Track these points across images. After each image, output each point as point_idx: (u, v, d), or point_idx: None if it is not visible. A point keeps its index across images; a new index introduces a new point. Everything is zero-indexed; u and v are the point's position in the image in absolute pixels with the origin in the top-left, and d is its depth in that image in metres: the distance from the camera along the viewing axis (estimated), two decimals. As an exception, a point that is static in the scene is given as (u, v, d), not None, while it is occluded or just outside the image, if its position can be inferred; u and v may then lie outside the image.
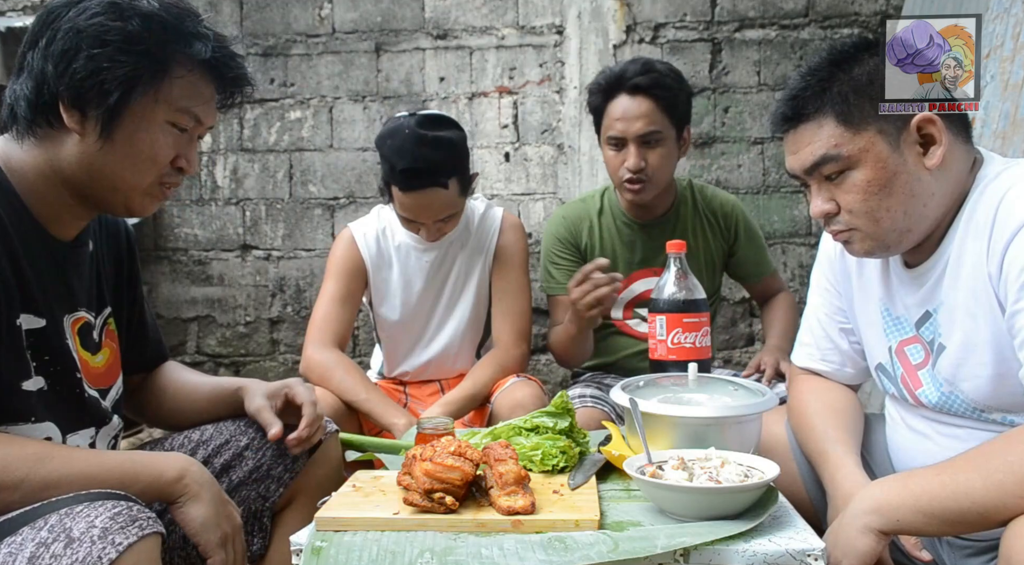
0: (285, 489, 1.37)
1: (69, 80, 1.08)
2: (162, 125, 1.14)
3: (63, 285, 1.19)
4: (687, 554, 0.97)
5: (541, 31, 3.25)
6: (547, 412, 1.33)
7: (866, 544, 1.05)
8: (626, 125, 1.92)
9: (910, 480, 1.06)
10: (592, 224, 2.11)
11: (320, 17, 3.31)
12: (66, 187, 1.15)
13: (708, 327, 1.57)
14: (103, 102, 1.09)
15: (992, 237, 1.11)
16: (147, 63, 1.10)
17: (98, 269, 1.29)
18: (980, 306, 1.14)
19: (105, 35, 1.08)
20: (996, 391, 1.16)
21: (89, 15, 1.09)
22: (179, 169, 1.19)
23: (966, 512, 0.98)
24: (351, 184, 3.31)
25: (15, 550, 0.87)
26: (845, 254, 1.41)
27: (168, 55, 1.13)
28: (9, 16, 3.37)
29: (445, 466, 1.05)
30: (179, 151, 1.17)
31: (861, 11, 3.18)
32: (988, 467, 0.98)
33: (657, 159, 1.94)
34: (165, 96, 1.13)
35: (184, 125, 1.17)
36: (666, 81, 1.94)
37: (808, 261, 3.21)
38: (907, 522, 1.03)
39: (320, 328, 1.97)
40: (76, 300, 1.22)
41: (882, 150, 1.15)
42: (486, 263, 2.07)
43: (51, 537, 0.87)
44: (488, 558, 0.95)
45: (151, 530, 0.91)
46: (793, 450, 1.43)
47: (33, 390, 1.11)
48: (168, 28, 1.12)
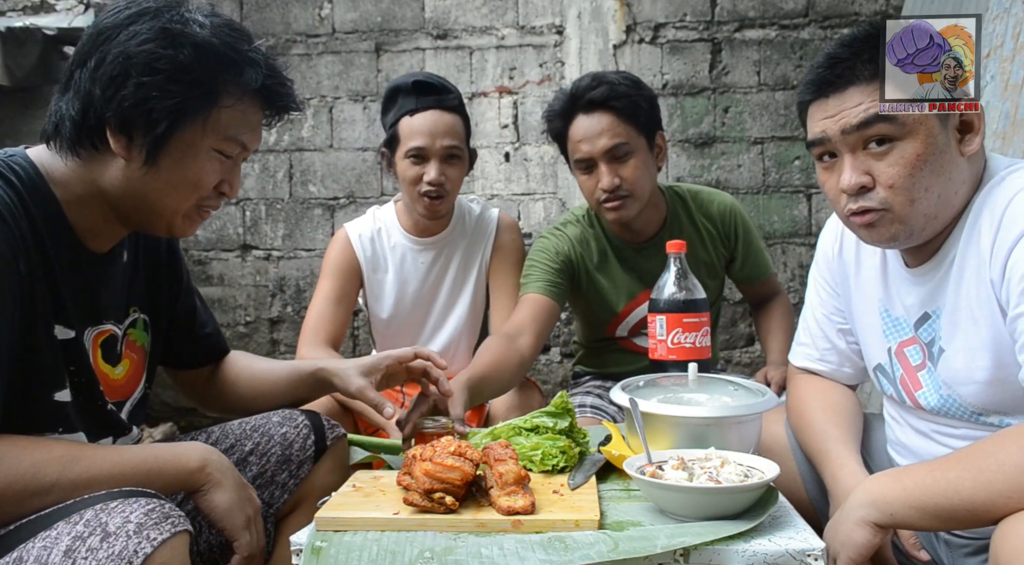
0: (290, 495, 1.36)
1: (117, 106, 1.07)
2: (208, 153, 1.14)
3: (92, 297, 1.19)
4: (687, 554, 0.97)
5: (541, 31, 3.25)
6: (547, 412, 1.33)
7: (862, 536, 1.05)
8: (590, 145, 1.82)
9: (904, 475, 1.07)
10: (593, 251, 2.00)
11: (320, 17, 3.31)
12: (108, 206, 1.15)
13: (708, 327, 1.57)
14: (151, 130, 1.08)
15: (996, 242, 1.11)
16: (196, 93, 1.09)
17: (130, 278, 1.28)
18: (982, 310, 1.14)
19: (155, 63, 1.06)
20: (994, 395, 1.16)
21: (140, 41, 1.07)
22: (220, 193, 1.19)
23: (955, 509, 0.99)
24: (351, 184, 3.31)
25: (50, 544, 0.88)
26: (843, 254, 1.40)
27: (218, 85, 1.11)
28: (9, 16, 3.37)
29: (445, 466, 1.05)
30: (223, 176, 1.17)
31: (861, 11, 3.18)
32: (978, 465, 0.98)
33: (631, 172, 1.82)
34: (213, 125, 1.12)
35: (230, 152, 1.16)
36: (620, 90, 1.82)
37: (808, 261, 3.22)
38: (901, 516, 1.04)
39: (314, 328, 1.97)
40: (102, 312, 1.21)
41: (934, 126, 1.13)
42: (483, 263, 2.07)
43: (87, 531, 0.88)
44: (488, 558, 0.95)
45: (182, 528, 0.92)
46: (793, 450, 1.43)
47: (63, 401, 1.12)
48: (219, 56, 1.10)
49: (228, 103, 1.13)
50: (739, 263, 2.06)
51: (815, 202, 3.25)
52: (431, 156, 1.90)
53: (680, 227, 1.99)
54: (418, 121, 1.91)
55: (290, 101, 1.21)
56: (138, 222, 1.18)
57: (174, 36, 1.08)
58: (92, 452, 1.03)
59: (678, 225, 1.99)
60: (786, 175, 3.24)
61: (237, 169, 1.20)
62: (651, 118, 1.88)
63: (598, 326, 2.06)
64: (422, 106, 1.91)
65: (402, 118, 1.92)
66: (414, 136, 1.90)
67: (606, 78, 1.84)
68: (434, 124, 1.90)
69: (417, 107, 1.91)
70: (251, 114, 1.17)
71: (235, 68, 1.12)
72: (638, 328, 2.04)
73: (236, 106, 1.14)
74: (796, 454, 1.42)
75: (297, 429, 1.36)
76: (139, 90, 1.07)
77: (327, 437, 1.39)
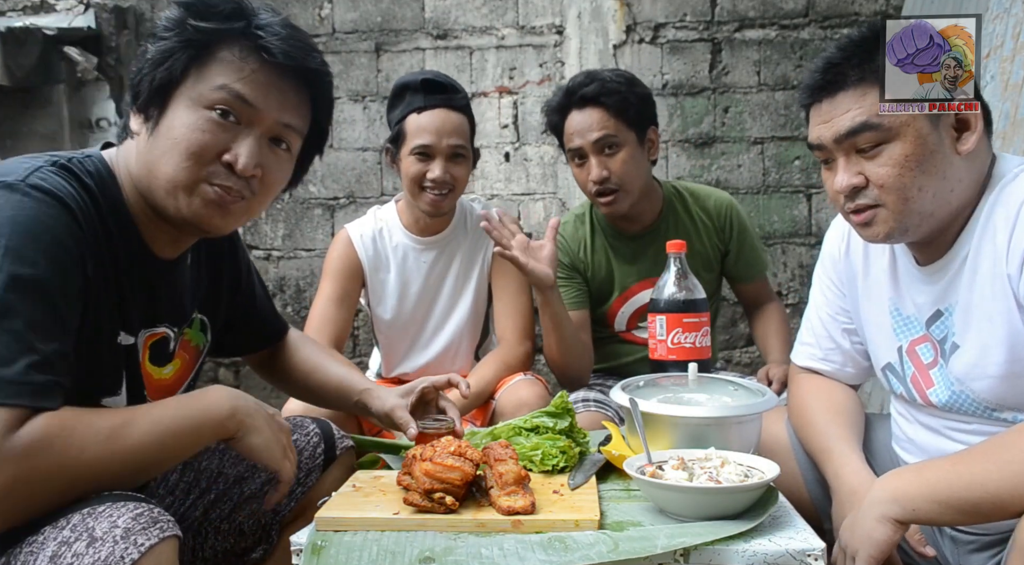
0: (296, 503, 1.35)
1: (132, 83, 1.07)
2: (200, 109, 1.06)
3: (153, 302, 1.17)
4: (687, 554, 0.97)
5: (541, 31, 3.25)
6: (547, 412, 1.33)
7: (883, 533, 1.05)
8: (582, 137, 1.93)
9: (925, 470, 1.07)
10: (587, 244, 2.09)
11: (320, 17, 3.31)
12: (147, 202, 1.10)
13: (708, 327, 1.57)
14: (149, 93, 1.06)
15: (1013, 237, 1.11)
16: (182, 42, 1.05)
17: (194, 281, 1.27)
18: (997, 305, 1.14)
19: (159, 30, 1.07)
20: (1009, 390, 1.16)
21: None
22: (228, 166, 1.07)
23: (980, 502, 0.99)
24: (351, 184, 3.31)
25: (36, 549, 0.87)
26: (851, 254, 1.40)
27: (210, 35, 1.06)
28: (9, 16, 3.37)
29: (445, 466, 1.05)
30: (226, 144, 1.07)
31: (861, 11, 3.18)
32: (1003, 458, 0.99)
33: (619, 165, 1.92)
34: (202, 75, 1.06)
35: (227, 106, 1.06)
36: (611, 86, 1.92)
37: (808, 261, 3.22)
38: (923, 511, 1.04)
39: (317, 329, 1.97)
40: (158, 316, 1.19)
41: (923, 126, 1.14)
42: (484, 264, 2.07)
43: (73, 536, 0.86)
44: (488, 558, 0.95)
45: (171, 533, 0.90)
46: (794, 449, 1.43)
47: (110, 406, 1.10)
48: (211, 8, 1.07)
49: (221, 53, 1.07)
50: (733, 257, 2.11)
51: (815, 202, 3.25)
52: (436, 154, 1.91)
53: (676, 219, 2.06)
54: (426, 119, 1.91)
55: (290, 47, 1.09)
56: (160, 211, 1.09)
57: (184, 3, 1.07)
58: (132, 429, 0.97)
59: (674, 217, 2.06)
60: (786, 175, 3.24)
61: (248, 139, 1.08)
62: (641, 114, 1.96)
63: (596, 318, 2.09)
64: (430, 104, 1.92)
65: (409, 115, 1.93)
66: (421, 133, 1.91)
67: (599, 76, 1.94)
68: (442, 123, 1.91)
69: (425, 105, 1.92)
70: (248, 62, 1.07)
71: (227, 17, 1.07)
72: (636, 319, 2.08)
73: (228, 55, 1.07)
74: (797, 454, 1.42)
75: (307, 437, 1.36)
76: (144, 58, 1.07)
77: (336, 446, 1.38)
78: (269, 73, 1.09)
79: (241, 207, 1.11)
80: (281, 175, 1.16)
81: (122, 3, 3.44)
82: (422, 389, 1.45)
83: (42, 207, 0.95)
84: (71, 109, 3.37)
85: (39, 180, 0.97)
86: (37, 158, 1.03)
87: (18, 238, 0.92)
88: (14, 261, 0.91)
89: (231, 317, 1.40)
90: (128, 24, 3.45)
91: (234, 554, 1.34)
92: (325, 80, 1.18)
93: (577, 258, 2.08)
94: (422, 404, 1.47)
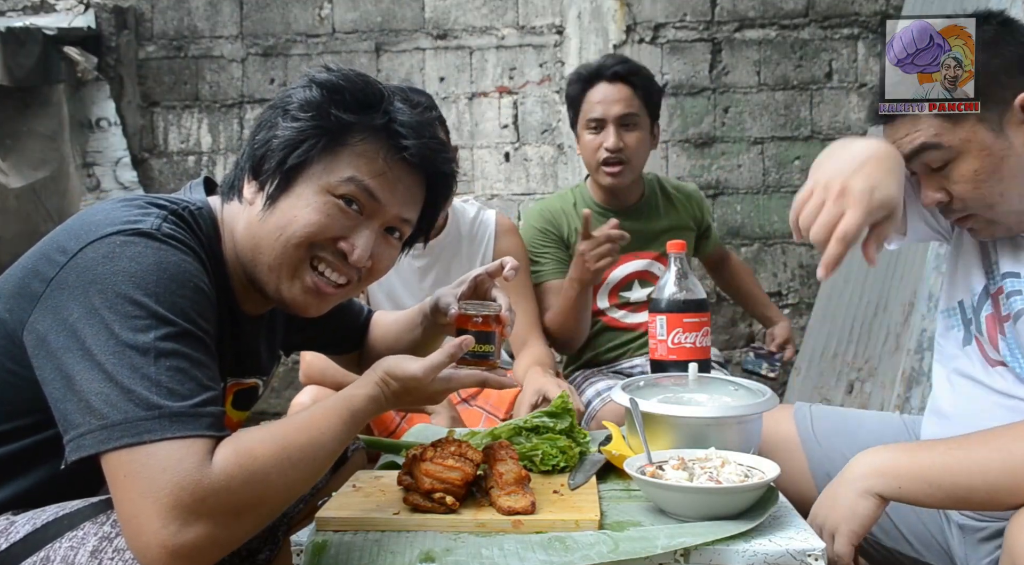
0: (305, 505, 1.35)
1: (250, 151, 1.07)
2: (324, 195, 1.04)
3: (237, 355, 1.17)
4: (687, 554, 0.97)
5: (541, 31, 3.25)
6: (547, 412, 1.33)
7: (866, 507, 1.04)
8: (606, 107, 2.05)
9: (920, 450, 1.06)
10: (570, 217, 2.18)
11: (320, 17, 3.32)
12: (245, 270, 1.10)
13: (708, 327, 1.57)
14: (271, 168, 1.05)
15: None
16: (318, 127, 1.05)
17: (274, 330, 1.28)
18: None
19: (287, 105, 1.06)
20: None
21: (287, 90, 1.09)
22: (341, 253, 1.07)
23: (975, 489, 0.99)
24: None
25: (77, 544, 0.87)
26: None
27: (343, 122, 1.05)
28: (9, 16, 3.37)
29: (445, 466, 1.05)
30: (344, 231, 1.06)
31: (861, 11, 3.18)
32: (1008, 448, 0.98)
33: (635, 141, 2.06)
34: (333, 164, 1.05)
35: (353, 198, 1.05)
36: (643, 72, 2.10)
37: (808, 261, 3.21)
38: (908, 490, 1.03)
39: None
40: (248, 369, 1.21)
41: (985, 137, 1.14)
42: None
43: (114, 532, 0.87)
44: (488, 558, 0.95)
45: None
46: (804, 443, 1.42)
47: None
48: (345, 94, 1.06)
49: (352, 142, 1.06)
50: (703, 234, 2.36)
51: (815, 202, 3.25)
52: None
53: (656, 198, 2.26)
54: None
55: (423, 146, 1.08)
56: (260, 286, 1.09)
57: (311, 79, 1.07)
58: (302, 442, 0.95)
59: (655, 197, 2.26)
60: (786, 175, 3.24)
61: (367, 232, 1.07)
62: (657, 106, 2.15)
63: None
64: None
65: None
66: None
67: (631, 60, 2.15)
68: None
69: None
70: (378, 156, 1.07)
71: (361, 106, 1.06)
72: (617, 291, 2.18)
73: (359, 146, 1.06)
74: (808, 447, 1.41)
75: None
76: (268, 131, 1.06)
77: (347, 447, 1.37)
78: (400, 171, 1.09)
79: (340, 294, 1.12)
80: (389, 263, 1.16)
81: (122, 3, 3.44)
82: (475, 278, 1.36)
83: (181, 256, 0.96)
84: (71, 109, 3.37)
85: (171, 230, 0.98)
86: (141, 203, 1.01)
87: (166, 284, 0.92)
88: (167, 307, 0.90)
89: (321, 336, 1.43)
90: (128, 24, 3.46)
91: (239, 556, 1.34)
92: (450, 183, 1.19)
93: (562, 229, 2.18)
94: (478, 291, 1.37)
